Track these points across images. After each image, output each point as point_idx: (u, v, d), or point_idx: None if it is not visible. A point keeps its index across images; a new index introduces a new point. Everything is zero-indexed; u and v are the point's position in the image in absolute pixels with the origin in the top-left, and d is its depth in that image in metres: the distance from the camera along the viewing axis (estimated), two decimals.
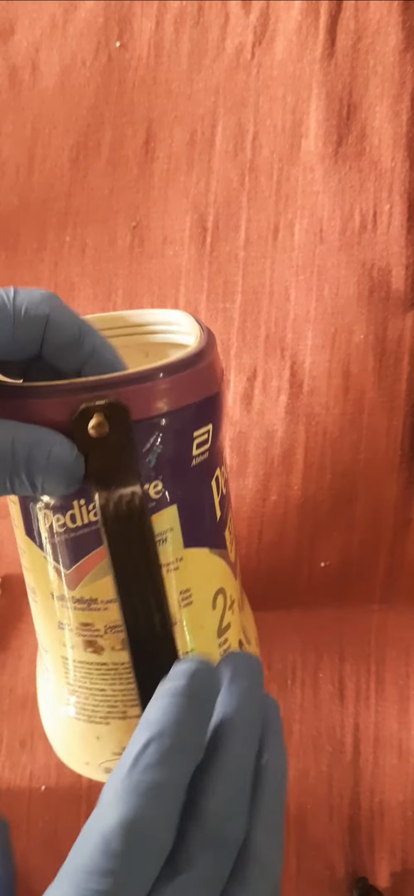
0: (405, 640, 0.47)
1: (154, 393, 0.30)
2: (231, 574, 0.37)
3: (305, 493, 0.48)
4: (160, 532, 0.32)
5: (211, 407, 0.33)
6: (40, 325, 0.29)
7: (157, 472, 0.31)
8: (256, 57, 0.51)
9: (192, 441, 0.32)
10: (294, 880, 0.48)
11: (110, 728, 0.34)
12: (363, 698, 0.48)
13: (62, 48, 0.55)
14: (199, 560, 0.34)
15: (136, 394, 0.29)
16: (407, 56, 0.48)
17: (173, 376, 0.30)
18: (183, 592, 0.33)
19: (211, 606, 0.35)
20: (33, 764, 0.53)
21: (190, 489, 0.33)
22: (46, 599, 0.35)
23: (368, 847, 0.47)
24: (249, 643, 0.39)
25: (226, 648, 0.36)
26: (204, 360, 0.32)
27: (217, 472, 0.35)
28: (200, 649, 0.34)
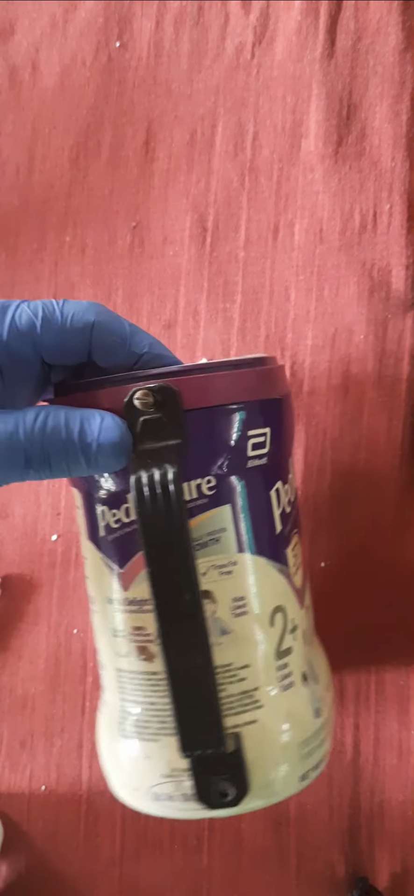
0: (405, 640, 0.47)
1: (207, 385, 0.31)
2: (294, 597, 0.35)
3: (305, 493, 0.48)
4: (212, 530, 0.32)
5: (269, 411, 0.33)
6: (86, 332, 0.31)
7: (209, 466, 0.32)
8: (255, 57, 0.51)
9: (247, 440, 0.32)
10: (294, 880, 0.48)
11: (160, 745, 0.34)
12: (363, 698, 0.48)
13: (62, 48, 0.55)
14: (255, 568, 0.33)
15: (188, 383, 0.30)
16: (407, 56, 0.48)
17: (229, 371, 0.31)
18: (236, 600, 0.33)
19: (268, 622, 0.34)
20: (33, 764, 0.53)
21: (245, 493, 0.33)
22: (103, 606, 0.35)
23: (368, 847, 0.47)
24: (316, 681, 0.37)
25: (286, 674, 0.34)
26: (262, 364, 0.33)
27: (278, 484, 0.34)
28: (255, 668, 0.33)
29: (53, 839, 0.52)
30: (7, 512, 0.54)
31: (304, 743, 0.35)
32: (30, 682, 0.53)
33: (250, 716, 0.33)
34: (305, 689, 0.36)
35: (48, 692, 0.53)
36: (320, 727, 0.36)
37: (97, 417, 0.30)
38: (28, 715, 0.53)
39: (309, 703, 0.36)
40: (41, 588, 0.53)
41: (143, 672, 0.34)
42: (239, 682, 0.33)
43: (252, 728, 0.33)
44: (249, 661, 0.33)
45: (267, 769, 0.34)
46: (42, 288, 0.54)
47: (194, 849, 0.50)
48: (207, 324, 0.51)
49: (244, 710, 0.33)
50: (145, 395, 0.29)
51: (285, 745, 0.34)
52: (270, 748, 0.34)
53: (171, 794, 0.34)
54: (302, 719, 0.35)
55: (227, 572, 0.32)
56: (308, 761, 0.35)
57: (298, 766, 0.35)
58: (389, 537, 0.47)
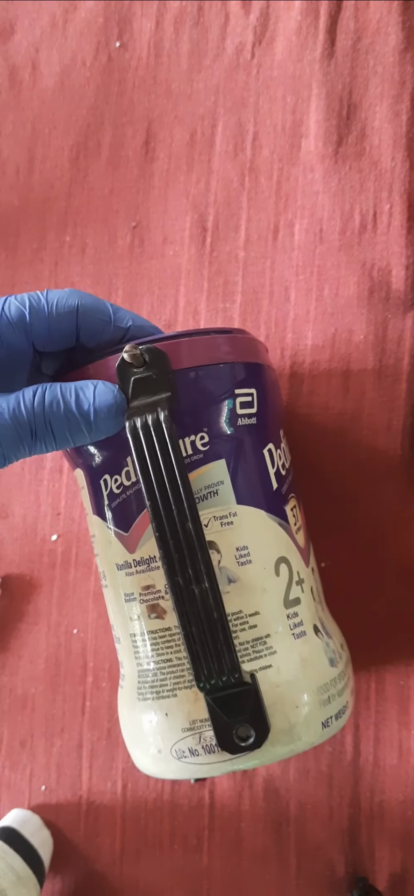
0: (405, 640, 0.47)
1: (193, 347, 0.33)
2: (297, 552, 0.37)
3: (305, 493, 0.48)
4: (210, 483, 0.34)
5: (253, 373, 0.35)
6: (72, 316, 0.33)
7: (201, 422, 0.34)
8: (255, 57, 0.51)
9: (235, 398, 0.34)
10: (294, 880, 0.48)
11: (178, 699, 0.35)
12: (363, 698, 0.48)
13: (62, 48, 0.55)
14: (255, 520, 0.35)
15: (175, 346, 0.33)
16: (407, 56, 0.48)
17: (212, 335, 0.34)
18: (239, 549, 0.34)
19: (273, 572, 0.35)
20: (33, 764, 0.53)
21: (238, 448, 0.35)
22: (113, 575, 0.37)
23: (368, 847, 0.47)
24: (328, 636, 0.38)
25: (296, 623, 0.36)
26: (243, 334, 0.36)
27: (270, 445, 0.36)
28: (265, 615, 0.35)
29: (53, 839, 0.52)
30: (7, 512, 0.54)
31: (322, 688, 0.35)
32: (30, 682, 0.53)
33: (265, 661, 0.34)
34: (318, 639, 0.37)
35: (48, 692, 0.53)
36: (338, 676, 0.37)
37: (90, 385, 0.32)
38: (28, 715, 0.53)
39: (323, 652, 0.37)
40: (41, 588, 0.53)
41: (155, 630, 0.35)
42: (250, 629, 0.34)
43: (268, 672, 0.34)
44: (258, 608, 0.34)
45: (286, 711, 0.34)
46: (42, 288, 0.54)
47: (194, 849, 0.50)
48: (206, 323, 0.51)
49: (258, 655, 0.34)
50: (134, 349, 0.31)
51: (303, 688, 0.35)
52: (288, 690, 0.34)
53: (193, 747, 0.34)
54: (317, 665, 0.36)
55: (228, 523, 0.34)
56: (328, 708, 0.36)
57: (318, 712, 0.35)
58: (389, 536, 0.47)
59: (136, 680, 0.37)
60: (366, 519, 0.47)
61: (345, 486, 0.48)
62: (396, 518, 0.47)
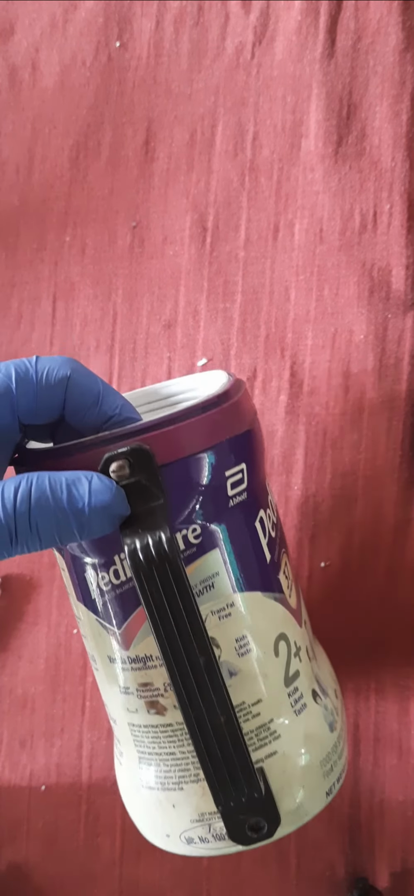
0: (405, 640, 0.47)
1: (177, 435, 0.30)
2: (293, 619, 0.35)
3: (305, 493, 0.48)
4: (205, 577, 0.32)
5: (242, 445, 0.32)
6: (62, 388, 0.30)
7: (192, 516, 0.31)
8: (255, 57, 0.51)
9: (225, 481, 0.32)
10: (294, 880, 0.48)
11: (185, 793, 0.34)
12: (363, 698, 0.48)
13: (62, 48, 0.55)
14: (253, 604, 0.33)
15: (158, 439, 0.29)
16: (407, 56, 0.48)
17: (196, 418, 0.30)
18: (239, 640, 0.33)
19: (273, 653, 0.34)
20: (33, 764, 0.53)
21: (232, 533, 0.32)
22: (106, 666, 0.34)
23: (368, 847, 0.47)
24: (325, 694, 0.37)
25: (297, 698, 0.35)
26: (227, 400, 0.32)
27: (261, 513, 0.34)
28: (267, 701, 0.33)
29: (53, 839, 0.52)
30: None
31: (324, 760, 0.35)
32: (30, 682, 0.53)
33: (270, 748, 0.33)
34: (318, 706, 0.36)
35: (48, 692, 0.53)
36: (337, 739, 0.36)
37: (84, 480, 0.28)
38: (28, 715, 0.53)
39: (323, 719, 0.36)
40: (41, 588, 0.53)
41: (157, 725, 0.34)
42: (254, 718, 0.33)
43: (273, 759, 0.33)
44: (260, 695, 0.33)
45: (293, 795, 0.34)
46: (42, 288, 0.54)
47: None
48: (206, 324, 0.51)
49: (263, 744, 0.33)
50: (120, 466, 0.28)
51: (307, 768, 0.34)
52: (294, 774, 0.34)
53: (203, 836, 0.34)
54: (319, 738, 0.35)
55: (226, 615, 0.32)
56: (331, 776, 0.35)
57: (322, 784, 0.35)
58: (389, 537, 0.47)
59: (137, 765, 0.36)
60: (366, 519, 0.47)
61: (345, 486, 0.48)
62: (396, 518, 0.47)
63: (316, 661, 0.39)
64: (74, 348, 0.53)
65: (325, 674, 0.39)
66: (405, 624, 0.47)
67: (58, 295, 0.54)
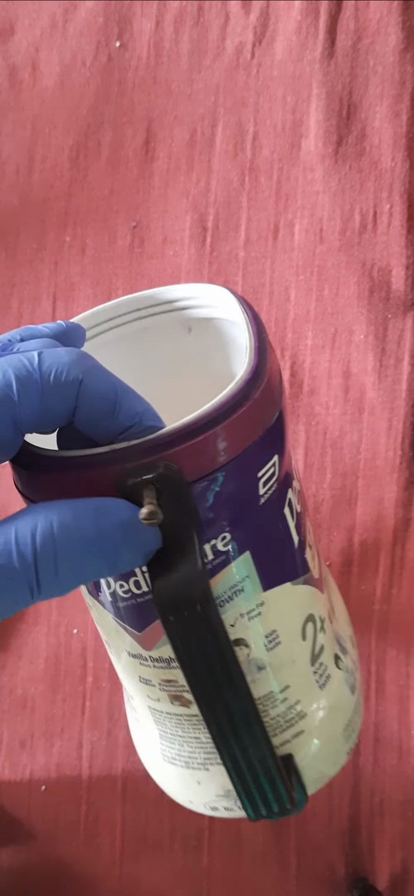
0: (405, 640, 0.47)
1: (208, 446, 0.26)
2: (318, 594, 0.34)
3: (306, 493, 0.48)
4: (235, 583, 0.29)
5: (275, 435, 0.29)
6: (71, 394, 0.24)
7: (221, 525, 0.28)
8: (255, 57, 0.51)
9: (257, 482, 0.28)
10: (294, 880, 0.48)
11: (210, 773, 0.33)
12: (363, 698, 0.48)
13: (62, 48, 0.55)
14: (283, 598, 0.31)
15: (187, 453, 0.25)
16: (407, 56, 0.48)
17: (229, 419, 0.26)
18: (269, 636, 0.31)
19: (301, 638, 0.32)
20: (33, 764, 0.53)
21: (262, 530, 0.30)
22: (123, 657, 0.33)
23: (367, 847, 0.47)
24: (345, 652, 0.36)
25: (322, 672, 0.33)
26: (261, 381, 0.27)
27: (289, 494, 0.31)
28: (294, 684, 0.32)
29: (53, 839, 0.52)
30: (7, 511, 0.54)
31: (346, 726, 0.35)
32: (30, 682, 0.53)
33: (296, 728, 0.33)
34: (340, 671, 0.35)
35: (48, 692, 0.53)
36: (357, 699, 0.36)
37: (113, 510, 0.23)
38: (28, 715, 0.53)
39: (345, 684, 0.35)
40: None
41: (181, 714, 0.32)
42: (281, 703, 0.32)
43: (300, 739, 0.33)
44: (287, 682, 0.32)
45: (318, 767, 0.34)
46: (42, 288, 0.54)
47: (194, 849, 0.50)
48: None
49: (289, 725, 0.32)
50: (149, 494, 0.24)
51: (332, 738, 0.34)
52: (319, 748, 0.33)
53: (228, 806, 0.33)
54: (342, 706, 0.35)
55: (256, 615, 0.30)
56: (352, 736, 0.35)
57: (344, 747, 0.35)
58: (389, 537, 0.47)
59: (158, 737, 0.34)
60: (366, 519, 0.47)
61: (345, 486, 0.48)
62: (396, 518, 0.47)
63: (334, 613, 0.37)
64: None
65: (342, 622, 0.38)
66: (405, 624, 0.47)
67: (58, 295, 0.54)
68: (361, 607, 0.47)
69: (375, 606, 0.47)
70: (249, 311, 0.30)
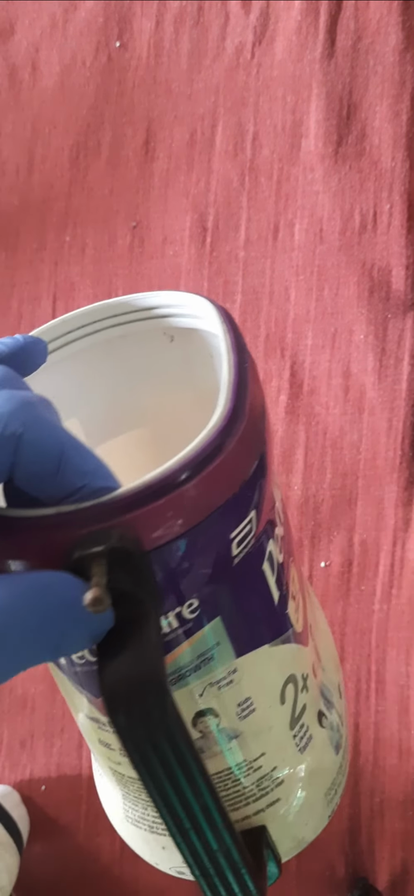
0: (406, 640, 0.47)
1: (170, 511, 0.22)
2: (301, 649, 0.30)
3: (306, 493, 0.48)
4: (203, 651, 0.26)
5: (253, 487, 0.24)
6: (10, 448, 0.21)
7: (187, 592, 0.24)
8: (255, 57, 0.51)
9: (229, 544, 0.24)
10: (294, 880, 0.48)
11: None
12: (363, 698, 0.47)
13: (62, 48, 0.55)
14: (259, 662, 0.28)
15: (144, 520, 0.22)
16: (407, 56, 0.48)
17: (196, 479, 0.22)
18: (242, 704, 0.28)
19: (279, 703, 0.29)
20: (33, 764, 0.53)
21: (235, 593, 0.26)
22: (79, 715, 0.30)
23: (367, 847, 0.47)
24: (330, 706, 0.33)
25: (302, 735, 0.30)
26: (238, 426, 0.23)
27: (269, 546, 0.27)
28: (270, 751, 0.29)
29: (53, 839, 0.52)
30: None
31: (329, 789, 0.32)
32: (30, 682, 0.53)
33: (272, 796, 0.30)
34: (323, 730, 0.32)
35: (48, 692, 0.53)
36: (342, 757, 0.33)
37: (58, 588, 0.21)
38: (28, 715, 0.53)
39: (329, 743, 0.32)
40: None
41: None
42: (255, 771, 0.29)
43: (275, 807, 0.30)
44: (263, 749, 0.29)
45: (295, 834, 0.31)
46: (42, 288, 0.54)
47: None
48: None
49: (264, 793, 0.30)
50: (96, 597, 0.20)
51: (312, 804, 0.31)
52: (297, 816, 0.31)
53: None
54: (324, 768, 0.32)
55: (227, 683, 0.27)
56: (334, 799, 0.33)
57: (325, 811, 0.32)
58: (389, 537, 0.47)
59: (121, 797, 0.32)
60: (366, 519, 0.47)
61: (345, 485, 0.48)
62: (396, 518, 0.47)
63: (321, 662, 0.34)
64: None
65: (329, 671, 0.35)
66: (406, 624, 0.47)
67: (58, 295, 0.54)
68: (361, 607, 0.47)
69: (375, 606, 0.47)
70: (230, 333, 0.26)
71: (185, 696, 0.26)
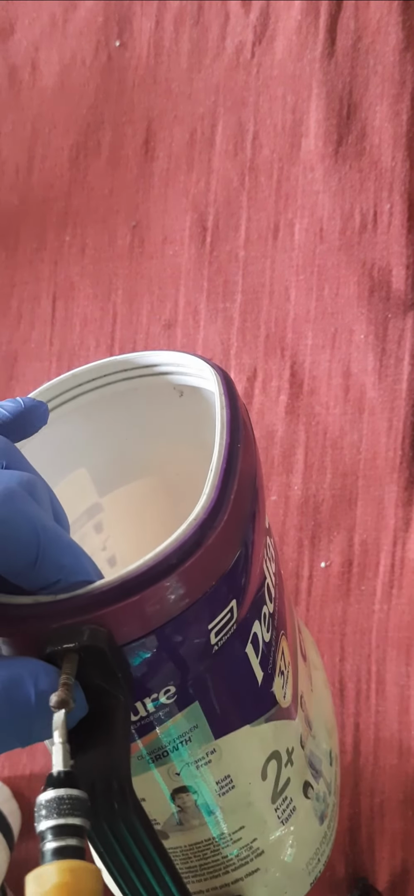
0: (406, 640, 0.47)
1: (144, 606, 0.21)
2: (286, 724, 0.29)
3: (306, 493, 0.48)
4: (181, 734, 0.25)
5: (234, 578, 0.24)
6: None
7: (163, 680, 0.24)
8: (255, 56, 0.51)
9: (207, 633, 0.24)
10: None
11: None
12: (364, 698, 0.47)
13: (62, 47, 0.55)
14: (239, 742, 0.27)
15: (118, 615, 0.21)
16: (407, 55, 0.48)
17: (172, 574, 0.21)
18: (220, 782, 0.27)
19: (260, 779, 0.28)
20: (33, 764, 0.52)
21: (214, 679, 0.25)
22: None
23: (368, 847, 0.47)
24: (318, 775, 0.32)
25: (285, 808, 0.30)
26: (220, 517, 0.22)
27: (254, 628, 0.26)
28: (250, 824, 0.29)
29: None
30: None
31: (311, 859, 0.32)
32: None
33: (251, 866, 0.30)
34: (308, 800, 0.31)
35: None
36: (327, 829, 0.33)
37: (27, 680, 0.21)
38: None
39: (313, 814, 0.32)
40: None
41: None
42: (234, 843, 0.29)
43: (255, 877, 0.30)
44: (242, 823, 0.28)
45: None
46: (42, 288, 0.54)
47: None
48: (206, 323, 0.51)
49: (243, 863, 0.30)
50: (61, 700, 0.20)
51: (293, 875, 0.31)
52: (278, 884, 0.31)
53: None
54: (307, 839, 0.31)
55: (206, 763, 0.27)
56: (317, 867, 0.32)
57: (306, 879, 0.32)
58: (389, 537, 0.47)
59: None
60: (366, 519, 0.47)
61: (345, 486, 0.48)
62: (396, 518, 0.47)
63: (311, 729, 0.33)
64: (74, 348, 0.53)
65: (320, 737, 0.33)
66: (406, 624, 0.47)
67: (58, 295, 0.54)
68: (362, 607, 0.47)
69: (375, 606, 0.47)
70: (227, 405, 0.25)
71: (163, 773, 0.26)
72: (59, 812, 0.18)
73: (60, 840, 0.18)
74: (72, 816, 0.18)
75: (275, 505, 0.49)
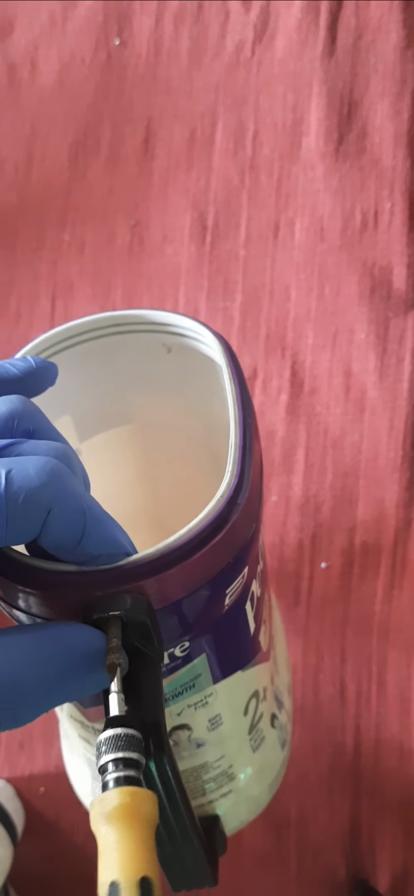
0: (407, 641, 0.47)
1: (179, 577, 0.24)
2: (264, 666, 0.33)
3: (306, 493, 0.48)
4: (187, 681, 0.28)
5: (249, 547, 0.27)
6: (39, 520, 0.22)
7: (181, 635, 0.27)
8: (256, 55, 0.51)
9: (224, 597, 0.27)
10: (295, 883, 0.48)
11: None
12: (364, 700, 0.47)
13: (61, 46, 0.55)
14: (231, 686, 0.30)
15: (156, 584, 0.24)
16: (408, 54, 0.48)
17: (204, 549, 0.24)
18: (212, 719, 0.31)
19: (242, 715, 0.32)
20: (32, 766, 0.52)
21: (221, 634, 0.28)
22: (63, 712, 0.32)
23: (368, 849, 0.47)
24: (281, 706, 0.36)
25: (257, 737, 0.34)
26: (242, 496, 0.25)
27: (252, 587, 0.29)
28: (229, 753, 0.33)
29: (53, 841, 0.52)
30: None
31: (273, 781, 0.36)
32: None
33: (226, 788, 0.34)
34: (274, 730, 0.35)
35: None
36: (286, 753, 0.37)
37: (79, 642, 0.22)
38: None
39: (277, 742, 0.36)
40: None
41: None
42: (215, 769, 0.33)
43: (227, 797, 0.34)
44: (223, 752, 0.32)
45: (240, 817, 0.35)
46: (41, 287, 0.54)
47: None
48: (206, 323, 0.51)
49: (219, 787, 0.33)
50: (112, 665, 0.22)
51: (258, 795, 0.35)
52: (244, 804, 0.35)
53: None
54: (271, 763, 0.36)
55: (203, 704, 0.30)
56: (275, 785, 0.36)
57: (267, 797, 0.36)
58: (390, 538, 0.47)
59: (91, 777, 0.35)
60: (367, 520, 0.47)
61: (346, 486, 0.47)
62: (397, 518, 0.47)
63: (277, 667, 0.36)
64: None
65: (282, 672, 0.37)
66: (407, 625, 0.47)
67: (57, 294, 0.54)
68: (362, 608, 0.47)
69: (376, 607, 0.47)
70: (237, 384, 0.27)
71: (166, 715, 0.28)
72: (118, 747, 0.21)
73: (120, 771, 0.20)
74: (129, 751, 0.20)
75: (275, 505, 0.48)
